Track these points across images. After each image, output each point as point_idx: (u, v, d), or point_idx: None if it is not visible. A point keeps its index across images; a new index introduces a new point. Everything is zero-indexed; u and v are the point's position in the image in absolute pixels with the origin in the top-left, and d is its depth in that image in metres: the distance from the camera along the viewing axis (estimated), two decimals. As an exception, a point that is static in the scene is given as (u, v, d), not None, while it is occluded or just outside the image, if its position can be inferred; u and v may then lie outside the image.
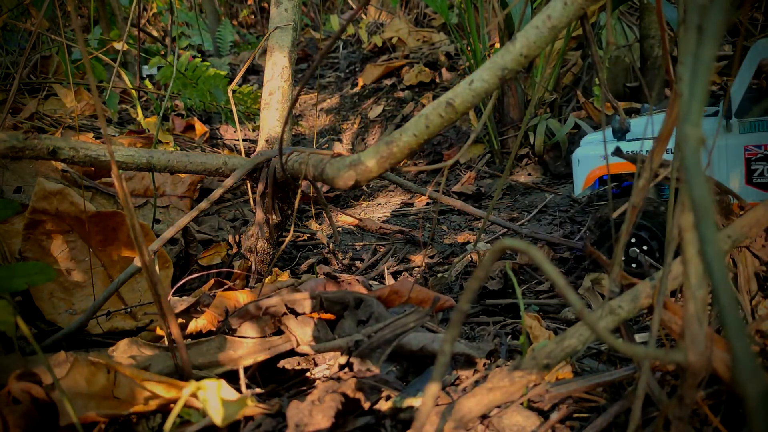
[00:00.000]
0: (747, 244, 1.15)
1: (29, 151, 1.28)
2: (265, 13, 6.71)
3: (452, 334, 0.62)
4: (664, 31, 0.97)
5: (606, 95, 1.07)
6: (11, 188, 1.81)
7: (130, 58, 4.09)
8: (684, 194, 0.70)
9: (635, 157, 1.06)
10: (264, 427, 0.89)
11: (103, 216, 1.47)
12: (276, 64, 1.71)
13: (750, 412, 0.38)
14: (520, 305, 0.96)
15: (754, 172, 1.50)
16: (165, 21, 6.29)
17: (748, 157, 1.51)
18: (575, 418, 0.91)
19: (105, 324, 1.38)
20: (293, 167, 1.40)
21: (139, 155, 1.42)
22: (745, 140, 1.53)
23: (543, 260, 0.54)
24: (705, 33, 0.45)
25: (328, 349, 1.08)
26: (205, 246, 2.11)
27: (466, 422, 0.80)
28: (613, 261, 0.88)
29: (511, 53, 0.96)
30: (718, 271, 0.39)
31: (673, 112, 0.84)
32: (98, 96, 0.75)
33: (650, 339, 0.80)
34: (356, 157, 1.12)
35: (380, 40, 4.66)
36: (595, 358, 1.13)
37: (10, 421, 0.83)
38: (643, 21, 2.77)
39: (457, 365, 1.09)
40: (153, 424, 0.90)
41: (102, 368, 0.90)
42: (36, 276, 1.01)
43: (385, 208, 2.99)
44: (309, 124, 4.21)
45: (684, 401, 0.70)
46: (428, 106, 1.05)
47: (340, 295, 1.22)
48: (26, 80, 3.04)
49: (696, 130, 0.44)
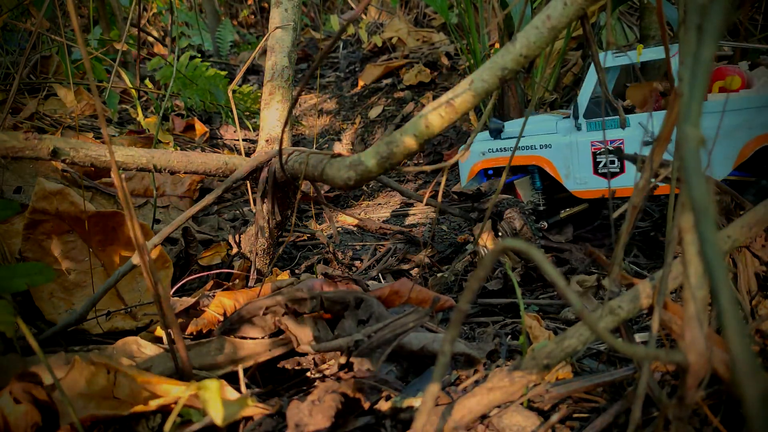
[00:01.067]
0: (747, 244, 1.15)
1: (29, 151, 1.28)
2: (265, 13, 6.71)
3: (452, 334, 0.62)
4: (665, 31, 0.97)
5: (606, 95, 1.07)
6: (11, 188, 1.81)
7: (129, 58, 4.09)
8: (684, 194, 0.70)
9: (635, 157, 1.06)
10: (264, 427, 0.89)
11: (103, 216, 1.47)
12: (276, 64, 1.71)
13: (749, 412, 0.38)
14: (520, 305, 0.96)
15: (599, 163, 1.83)
16: (165, 21, 6.30)
17: (594, 152, 1.84)
18: (575, 418, 0.91)
19: (105, 324, 1.38)
20: (293, 167, 1.40)
21: (139, 155, 1.42)
22: (592, 137, 1.85)
23: (543, 260, 0.54)
24: (704, 33, 0.45)
25: (329, 348, 1.08)
26: (205, 246, 2.11)
27: (466, 422, 0.80)
28: (612, 261, 0.88)
29: (511, 53, 0.96)
30: (717, 271, 0.39)
31: (673, 112, 0.84)
32: (98, 96, 0.75)
33: (650, 339, 0.80)
34: (356, 157, 1.12)
35: (380, 40, 4.66)
36: (595, 358, 1.13)
37: (11, 421, 0.83)
38: (643, 21, 2.77)
39: (457, 365, 1.09)
40: (153, 424, 0.90)
41: (102, 369, 0.90)
42: (36, 276, 1.01)
43: (385, 208, 2.99)
44: (309, 124, 4.21)
45: (684, 401, 0.70)
46: (428, 107, 1.05)
47: (341, 294, 1.22)
48: (26, 80, 3.04)
49: (695, 130, 0.44)
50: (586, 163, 1.85)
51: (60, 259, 1.45)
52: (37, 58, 3.18)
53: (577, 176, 1.88)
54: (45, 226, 1.43)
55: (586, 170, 1.86)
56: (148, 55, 5.10)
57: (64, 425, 0.83)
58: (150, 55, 5.05)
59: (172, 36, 4.59)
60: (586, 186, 1.85)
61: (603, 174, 1.81)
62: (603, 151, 1.78)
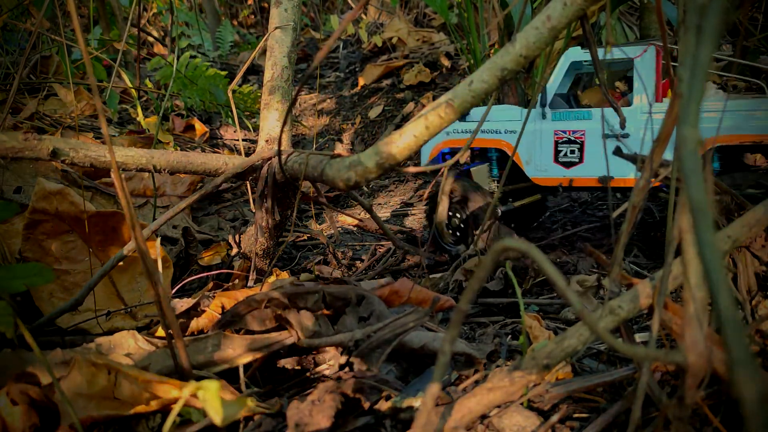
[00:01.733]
0: (747, 244, 1.15)
1: (29, 152, 1.28)
2: (265, 13, 6.71)
3: (452, 333, 0.62)
4: (665, 31, 0.97)
5: (606, 95, 1.07)
6: (11, 188, 1.80)
7: (130, 58, 4.09)
8: (683, 195, 0.70)
9: (635, 157, 1.06)
10: (264, 427, 0.89)
11: (103, 216, 1.47)
12: (276, 64, 1.71)
13: (748, 413, 0.38)
14: (520, 305, 0.96)
15: (560, 152, 1.91)
16: (165, 21, 6.30)
17: (557, 140, 1.91)
18: (575, 418, 0.91)
19: (105, 324, 1.38)
20: (293, 168, 1.40)
21: (139, 155, 1.42)
22: (555, 126, 1.93)
23: (543, 260, 0.54)
24: (704, 33, 0.45)
25: (329, 343, 1.08)
26: (205, 246, 2.11)
27: (466, 422, 0.80)
28: (612, 261, 0.88)
29: (511, 54, 0.96)
30: (716, 272, 0.39)
31: (673, 113, 0.84)
32: (98, 96, 0.75)
33: (650, 339, 0.80)
34: (356, 158, 1.12)
35: (380, 40, 4.66)
36: (595, 358, 1.13)
37: (9, 422, 0.83)
38: (643, 21, 2.77)
39: (457, 365, 1.09)
40: (153, 424, 0.90)
41: (103, 369, 0.90)
42: (35, 277, 1.00)
43: (385, 208, 2.99)
44: (309, 124, 4.21)
45: (684, 401, 0.70)
46: (428, 107, 1.05)
47: (343, 290, 1.21)
48: (26, 80, 3.04)
49: (694, 131, 0.44)
50: (547, 150, 1.93)
51: (60, 259, 1.45)
52: (37, 58, 3.18)
53: (538, 163, 1.97)
54: (45, 226, 1.43)
55: (547, 158, 1.94)
56: (148, 55, 5.10)
57: (64, 426, 0.83)
58: (150, 55, 5.05)
59: (172, 36, 4.59)
60: (545, 173, 1.95)
61: (563, 162, 1.90)
62: (564, 140, 1.88)
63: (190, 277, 1.71)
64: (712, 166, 1.02)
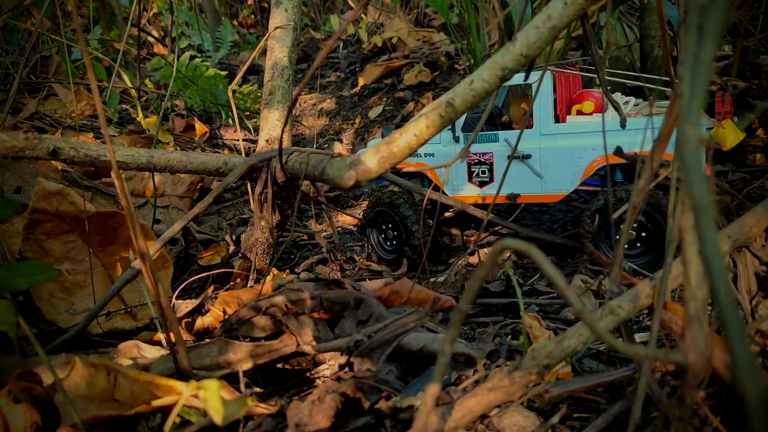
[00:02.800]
0: (747, 244, 1.15)
1: (29, 151, 1.28)
2: (265, 13, 6.71)
3: (452, 334, 0.62)
4: (665, 31, 0.97)
5: (606, 95, 1.07)
6: (11, 188, 1.80)
7: (130, 58, 4.09)
8: (684, 194, 0.70)
9: (635, 157, 1.06)
10: (264, 427, 0.89)
11: (103, 216, 1.47)
12: (276, 64, 1.71)
13: (750, 412, 0.38)
14: (520, 305, 0.96)
15: (473, 173, 2.06)
16: (165, 21, 6.30)
17: (470, 162, 2.06)
18: (575, 418, 0.91)
19: (105, 324, 1.38)
20: (293, 167, 1.40)
21: (139, 155, 1.42)
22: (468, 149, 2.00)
23: (543, 260, 0.54)
24: (705, 33, 0.45)
25: (329, 349, 1.08)
26: (205, 246, 2.11)
27: (466, 422, 0.80)
28: (612, 260, 0.88)
29: (511, 53, 0.96)
30: (717, 271, 0.39)
31: (673, 113, 0.84)
32: (98, 96, 0.75)
33: (650, 339, 0.79)
34: (356, 157, 1.12)
35: (380, 40, 4.66)
36: (595, 358, 1.13)
37: (11, 421, 0.83)
38: (643, 21, 2.76)
39: (458, 365, 1.09)
40: (153, 424, 0.90)
41: (102, 370, 0.90)
42: (37, 276, 1.00)
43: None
44: (309, 124, 4.21)
45: (684, 401, 0.70)
46: (428, 106, 1.05)
47: (341, 295, 1.22)
48: (26, 80, 3.04)
49: (696, 130, 0.44)
50: (462, 171, 2.08)
51: (60, 259, 1.45)
52: (37, 58, 3.18)
53: (455, 183, 2.11)
54: (45, 226, 1.43)
55: (462, 178, 2.09)
56: (148, 55, 5.10)
57: (65, 426, 0.83)
58: (150, 55, 5.05)
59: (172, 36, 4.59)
60: (461, 192, 2.10)
61: (476, 182, 2.06)
62: (476, 162, 2.05)
63: (190, 277, 1.71)
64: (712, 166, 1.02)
